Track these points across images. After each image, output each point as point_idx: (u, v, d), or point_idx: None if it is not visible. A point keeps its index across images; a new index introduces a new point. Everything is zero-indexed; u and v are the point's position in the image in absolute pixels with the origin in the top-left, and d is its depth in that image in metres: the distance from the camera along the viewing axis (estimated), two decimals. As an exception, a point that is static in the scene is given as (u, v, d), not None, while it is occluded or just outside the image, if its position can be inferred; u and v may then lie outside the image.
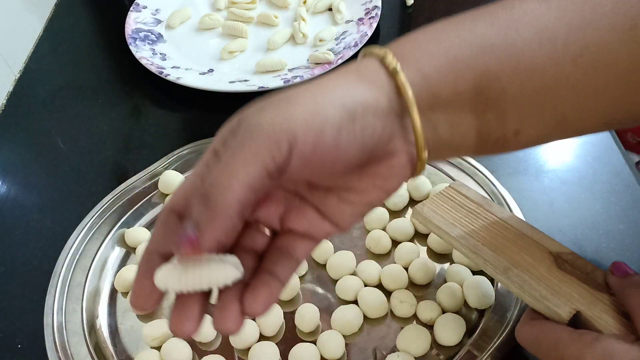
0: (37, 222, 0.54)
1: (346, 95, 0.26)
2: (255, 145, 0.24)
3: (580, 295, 0.34)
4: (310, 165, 0.25)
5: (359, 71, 0.27)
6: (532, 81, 0.28)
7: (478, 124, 0.29)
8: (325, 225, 0.29)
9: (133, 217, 0.52)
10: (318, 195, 0.29)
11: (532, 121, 0.29)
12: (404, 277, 0.45)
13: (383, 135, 0.27)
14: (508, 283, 0.36)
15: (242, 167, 0.23)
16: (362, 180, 0.28)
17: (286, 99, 0.25)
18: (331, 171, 0.27)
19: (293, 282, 0.45)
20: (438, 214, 0.41)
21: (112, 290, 0.48)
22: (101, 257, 0.49)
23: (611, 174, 0.52)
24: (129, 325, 0.45)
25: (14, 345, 0.45)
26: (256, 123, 0.24)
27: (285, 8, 0.76)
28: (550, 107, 0.29)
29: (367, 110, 0.26)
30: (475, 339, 0.41)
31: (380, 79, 0.27)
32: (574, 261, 0.37)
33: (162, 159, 0.55)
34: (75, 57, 0.75)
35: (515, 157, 0.55)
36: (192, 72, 0.67)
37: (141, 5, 0.76)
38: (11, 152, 0.62)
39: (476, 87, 0.28)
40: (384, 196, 0.29)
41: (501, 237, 0.39)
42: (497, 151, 0.31)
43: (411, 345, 0.41)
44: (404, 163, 0.28)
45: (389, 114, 0.27)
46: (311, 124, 0.24)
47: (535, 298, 0.35)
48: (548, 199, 0.51)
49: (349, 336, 0.43)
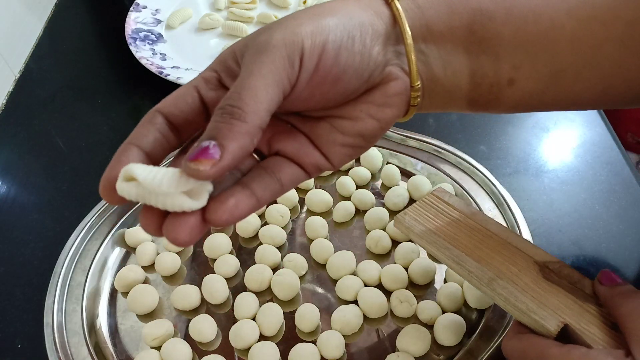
0: (37, 222, 0.54)
1: (346, 17, 0.27)
2: (271, 62, 0.24)
3: (567, 307, 0.33)
4: (312, 84, 0.26)
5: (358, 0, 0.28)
6: (526, 26, 0.28)
7: (471, 65, 0.29)
8: (315, 154, 0.29)
9: (133, 217, 0.52)
10: (309, 124, 0.29)
11: (526, 71, 0.29)
12: (404, 277, 0.45)
13: (379, 59, 0.27)
14: (493, 295, 0.35)
15: (264, 87, 0.24)
16: (356, 108, 0.29)
17: (291, 18, 0.26)
18: (330, 94, 0.27)
19: (293, 282, 0.45)
20: (419, 222, 0.40)
21: (112, 290, 0.48)
22: (101, 257, 0.49)
23: (611, 174, 0.53)
24: (129, 325, 0.45)
25: (14, 345, 0.45)
26: (267, 42, 0.25)
27: (286, 8, 0.76)
28: (544, 57, 0.29)
29: (365, 33, 0.27)
30: (475, 339, 0.41)
31: (378, 7, 0.28)
32: (561, 270, 0.35)
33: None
34: (75, 57, 0.75)
35: (515, 157, 0.55)
36: (192, 72, 0.67)
37: (141, 5, 0.76)
38: (11, 152, 0.62)
39: (470, 25, 0.28)
40: (377, 127, 0.29)
41: (485, 246, 0.37)
42: (492, 103, 0.30)
43: (411, 345, 0.41)
44: (398, 92, 0.29)
45: (386, 41, 0.28)
46: (316, 38, 0.25)
47: (521, 311, 0.33)
48: (548, 199, 0.51)
49: (349, 336, 0.43)
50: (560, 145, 0.56)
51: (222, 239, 0.49)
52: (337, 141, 0.29)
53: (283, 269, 0.46)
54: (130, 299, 0.45)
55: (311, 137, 0.29)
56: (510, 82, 0.29)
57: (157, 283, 0.48)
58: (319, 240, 0.48)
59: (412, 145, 0.54)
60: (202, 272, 0.48)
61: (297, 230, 0.51)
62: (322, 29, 0.26)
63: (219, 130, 0.23)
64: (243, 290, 0.46)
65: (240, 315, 0.44)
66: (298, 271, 0.46)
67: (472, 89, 0.30)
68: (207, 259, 0.49)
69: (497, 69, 0.29)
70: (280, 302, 0.45)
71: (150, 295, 0.46)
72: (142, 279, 0.47)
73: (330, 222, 0.50)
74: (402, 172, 0.53)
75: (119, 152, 0.25)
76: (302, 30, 0.25)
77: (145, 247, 0.49)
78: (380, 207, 0.51)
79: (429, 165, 0.53)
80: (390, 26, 0.28)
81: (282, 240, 0.49)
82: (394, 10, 0.28)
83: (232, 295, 0.46)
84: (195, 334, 0.43)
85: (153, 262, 0.49)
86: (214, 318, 0.44)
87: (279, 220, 0.50)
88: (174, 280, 0.48)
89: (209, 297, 0.46)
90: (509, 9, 0.28)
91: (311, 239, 0.49)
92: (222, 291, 0.46)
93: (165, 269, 0.48)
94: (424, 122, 0.58)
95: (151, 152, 0.26)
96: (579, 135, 0.56)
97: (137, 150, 0.25)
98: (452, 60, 0.29)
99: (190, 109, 0.27)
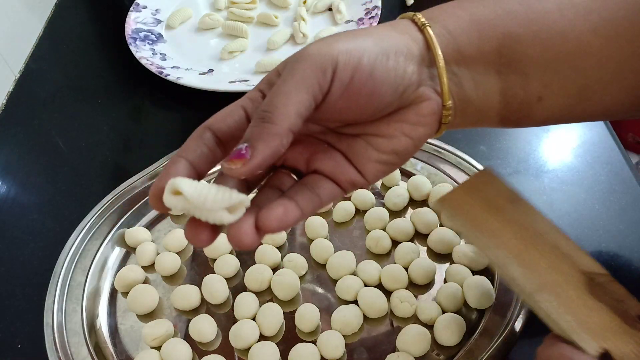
0: (37, 222, 0.54)
1: (382, 39, 0.28)
2: (303, 69, 0.26)
3: (610, 330, 0.30)
4: (347, 96, 0.27)
5: (392, 25, 0.30)
6: (553, 47, 0.30)
7: (502, 85, 0.30)
8: (350, 171, 0.30)
9: (133, 217, 0.52)
10: (346, 141, 0.31)
11: (554, 88, 0.30)
12: (404, 277, 0.45)
13: (413, 78, 0.29)
14: (534, 306, 0.32)
15: (295, 92, 0.26)
16: (390, 126, 0.30)
17: (329, 37, 0.28)
18: (365, 107, 0.28)
19: (293, 282, 0.45)
20: (464, 210, 0.35)
21: (112, 290, 0.48)
22: (101, 257, 0.49)
23: (611, 174, 0.52)
24: (128, 325, 0.45)
25: (14, 344, 0.45)
26: (303, 53, 0.27)
27: (286, 8, 0.76)
28: (572, 75, 0.30)
29: (399, 53, 0.28)
30: (475, 338, 0.41)
31: (412, 32, 0.30)
32: (607, 285, 0.32)
33: (162, 159, 0.55)
34: (76, 57, 0.75)
35: (515, 156, 0.55)
36: (192, 72, 0.67)
37: (141, 5, 0.76)
38: (11, 152, 0.62)
39: (499, 48, 0.30)
40: (410, 145, 0.30)
41: (532, 248, 0.33)
42: (523, 120, 0.32)
43: (411, 345, 0.41)
44: (430, 111, 0.30)
45: (420, 62, 0.29)
46: (351, 54, 0.27)
47: (561, 329, 0.31)
48: (548, 199, 0.51)
49: (349, 336, 0.43)
50: (560, 145, 0.56)
51: (222, 238, 0.49)
52: (372, 158, 0.30)
53: (283, 269, 0.46)
54: (130, 299, 0.45)
55: (347, 155, 0.30)
56: (539, 99, 0.31)
57: (157, 283, 0.48)
58: (319, 240, 0.48)
59: None
60: (202, 272, 0.48)
61: (297, 230, 0.51)
62: (358, 46, 0.27)
63: (252, 134, 0.25)
64: (243, 290, 0.46)
65: (240, 315, 0.44)
66: (298, 271, 0.46)
67: (503, 107, 0.31)
68: (206, 259, 0.49)
69: (527, 88, 0.30)
70: (280, 302, 0.45)
71: (150, 295, 0.45)
72: (142, 279, 0.47)
73: (330, 222, 0.50)
74: (401, 172, 0.53)
75: (169, 165, 0.27)
76: (338, 45, 0.27)
77: (145, 247, 0.49)
78: (380, 207, 0.51)
79: (428, 165, 0.53)
80: (424, 50, 0.29)
81: (282, 240, 0.49)
82: (426, 36, 0.29)
83: (232, 295, 0.46)
84: (195, 334, 0.43)
85: (153, 262, 0.49)
86: (214, 318, 0.44)
87: (279, 220, 0.50)
88: (174, 280, 0.48)
89: (209, 297, 0.46)
90: (536, 32, 0.30)
91: (311, 239, 0.49)
92: (222, 291, 0.46)
93: (165, 269, 0.48)
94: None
95: (198, 165, 0.27)
96: (579, 135, 0.56)
97: (185, 162, 0.27)
98: (483, 81, 0.30)
99: (237, 125, 0.28)
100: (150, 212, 0.53)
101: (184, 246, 0.50)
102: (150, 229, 0.51)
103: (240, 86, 0.63)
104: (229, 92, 0.63)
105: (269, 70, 0.65)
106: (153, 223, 0.52)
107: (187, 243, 0.50)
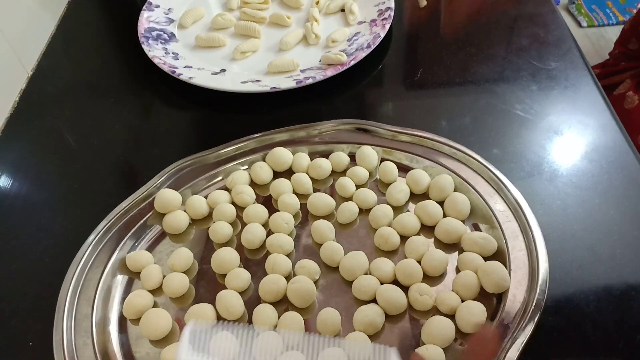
0: (49, 220, 0.54)
1: None
2: None
3: None
4: None
5: None
6: None
7: None
8: None
9: (131, 241, 0.50)
10: None
11: None
12: (418, 271, 0.45)
13: None
14: None
15: None
16: None
17: None
18: None
19: (310, 289, 0.45)
20: None
21: (120, 319, 0.46)
22: (104, 286, 0.47)
23: (626, 179, 0.52)
24: (144, 353, 0.44)
25: (26, 342, 0.45)
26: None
27: (298, 9, 0.76)
28: None
29: None
30: (498, 323, 0.41)
31: None
32: None
33: (155, 178, 0.53)
34: (88, 56, 0.75)
35: (529, 160, 0.54)
36: (204, 72, 0.67)
37: (154, 5, 0.76)
38: (23, 149, 0.62)
39: None
40: None
41: None
42: None
43: (437, 336, 0.41)
44: None
45: None
46: None
47: None
48: (562, 204, 0.50)
49: (373, 336, 0.43)
50: (574, 149, 0.55)
51: (230, 253, 0.48)
52: None
53: (297, 276, 0.46)
54: (143, 325, 0.44)
55: None
56: None
57: (166, 305, 0.47)
58: (328, 244, 0.48)
59: (405, 140, 0.55)
60: (212, 289, 0.47)
61: (302, 236, 0.51)
62: None
63: None
64: (257, 303, 0.45)
65: (260, 328, 0.43)
66: (312, 276, 0.46)
67: None
68: (214, 276, 0.48)
69: None
70: (299, 310, 0.45)
71: (163, 319, 0.44)
72: (152, 303, 0.46)
73: (334, 224, 0.50)
74: (399, 167, 0.53)
75: None
76: None
77: (150, 270, 0.47)
78: (383, 204, 0.50)
79: (424, 158, 0.53)
80: None
81: (291, 248, 0.49)
82: None
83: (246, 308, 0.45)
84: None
85: (160, 284, 0.47)
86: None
87: (284, 228, 0.50)
88: (184, 300, 0.47)
89: (224, 314, 0.44)
90: None
91: (319, 243, 0.49)
92: (237, 306, 0.45)
93: (174, 291, 0.46)
94: (436, 124, 0.58)
95: None
96: (593, 139, 0.56)
97: None
98: None
99: None
100: (149, 234, 0.51)
101: (189, 265, 0.49)
102: (151, 251, 0.50)
103: (252, 86, 0.63)
104: (240, 92, 0.63)
105: (282, 71, 0.66)
106: (153, 245, 0.51)
107: (192, 261, 0.49)
